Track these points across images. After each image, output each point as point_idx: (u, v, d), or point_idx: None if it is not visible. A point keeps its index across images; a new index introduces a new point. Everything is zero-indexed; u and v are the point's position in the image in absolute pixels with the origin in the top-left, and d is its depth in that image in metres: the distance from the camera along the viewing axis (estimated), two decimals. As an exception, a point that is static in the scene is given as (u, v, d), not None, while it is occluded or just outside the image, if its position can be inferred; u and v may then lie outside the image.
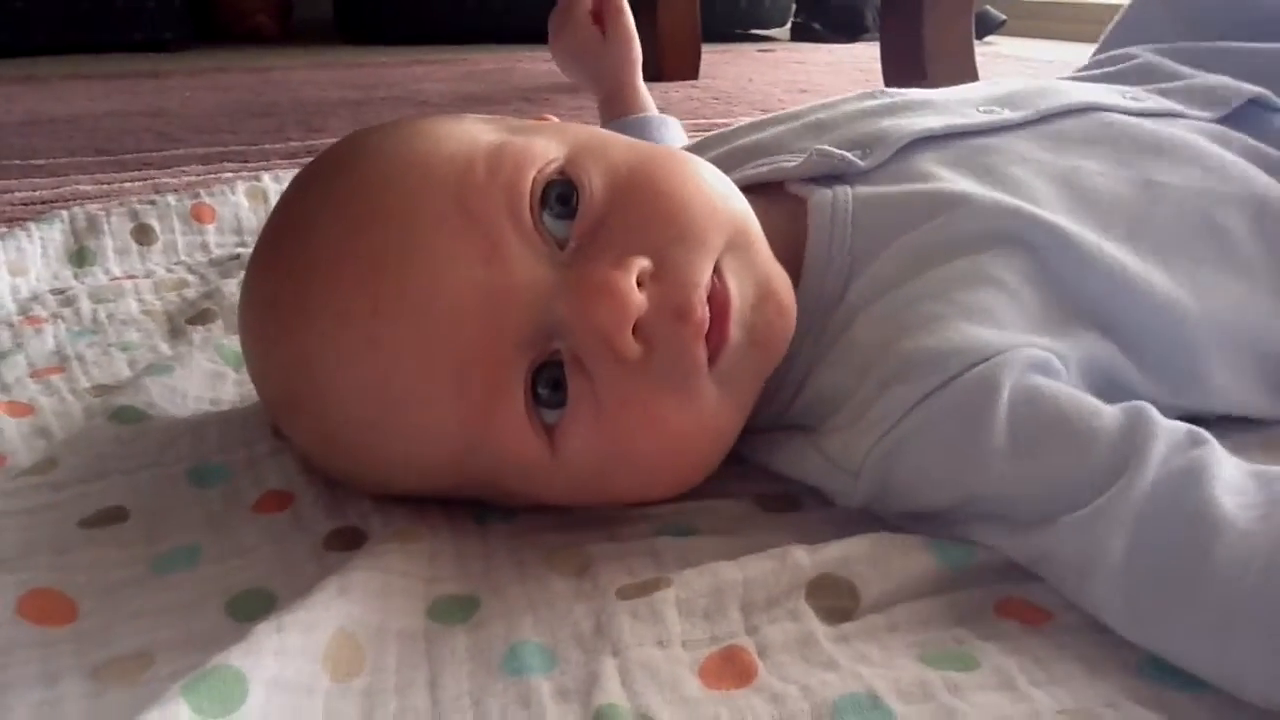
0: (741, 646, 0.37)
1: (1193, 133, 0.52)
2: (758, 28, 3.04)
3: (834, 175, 0.50)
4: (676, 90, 1.80)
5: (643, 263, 0.40)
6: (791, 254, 0.48)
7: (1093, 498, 0.38)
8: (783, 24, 3.09)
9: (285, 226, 0.44)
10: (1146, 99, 0.54)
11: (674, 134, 0.84)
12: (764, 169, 0.52)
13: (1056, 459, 0.39)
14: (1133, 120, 0.52)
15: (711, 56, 2.10)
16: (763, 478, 0.48)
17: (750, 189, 0.51)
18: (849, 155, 0.50)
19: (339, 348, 0.40)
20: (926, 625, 0.38)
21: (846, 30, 2.87)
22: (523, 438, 0.41)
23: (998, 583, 0.41)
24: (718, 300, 0.41)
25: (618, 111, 0.89)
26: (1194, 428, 0.39)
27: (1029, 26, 2.98)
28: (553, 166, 0.42)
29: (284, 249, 0.43)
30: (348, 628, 0.37)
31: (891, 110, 0.54)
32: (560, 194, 0.41)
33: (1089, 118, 0.52)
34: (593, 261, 0.40)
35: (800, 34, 3.00)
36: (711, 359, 0.41)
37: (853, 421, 0.44)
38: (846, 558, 0.40)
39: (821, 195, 0.49)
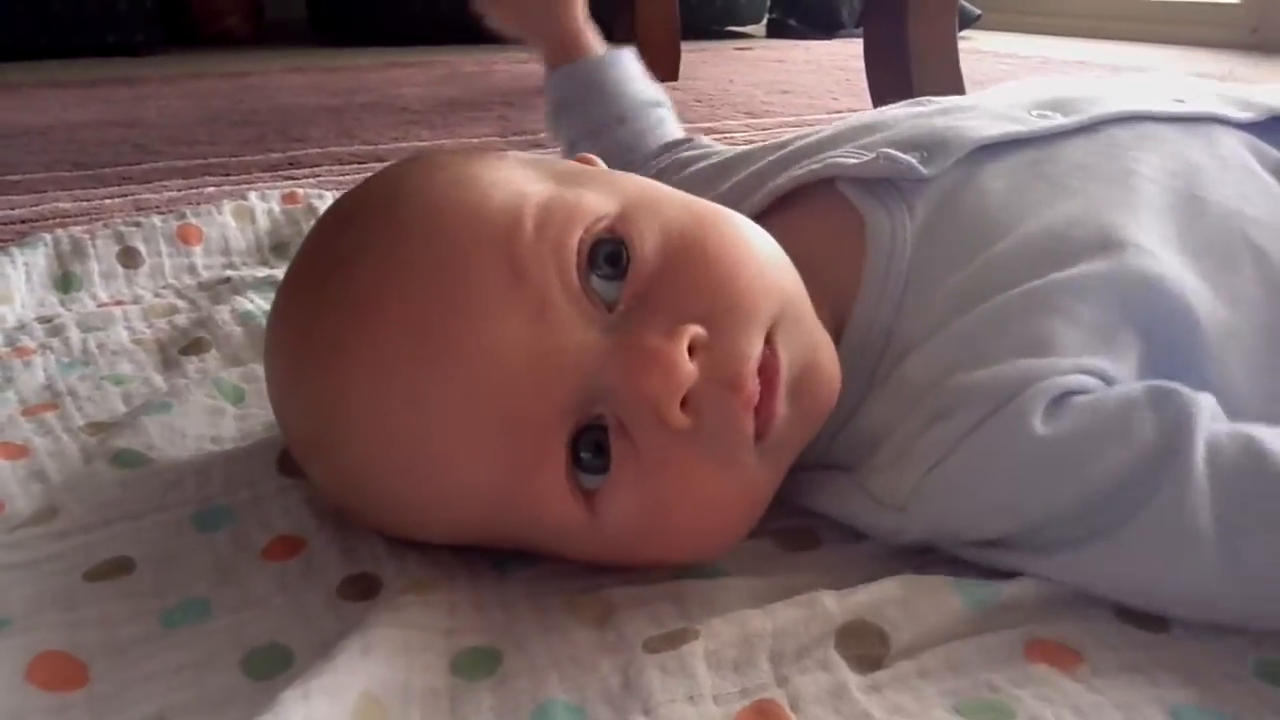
0: (773, 699, 0.37)
1: (1230, 147, 0.52)
2: (733, 25, 3.03)
3: (888, 179, 0.50)
4: (658, 92, 1.79)
5: (695, 330, 0.39)
6: (841, 271, 0.48)
7: (1149, 489, 0.38)
8: (758, 20, 3.08)
9: (326, 261, 0.42)
10: (1190, 101, 0.54)
11: (629, 68, 0.81)
12: (817, 165, 0.52)
13: (1101, 460, 0.40)
14: (1176, 131, 0.52)
15: (690, 56, 2.09)
16: (780, 513, 0.47)
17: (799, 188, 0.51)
18: (912, 161, 0.49)
19: (378, 393, 0.39)
20: (958, 671, 0.38)
21: (823, 27, 2.87)
22: (563, 503, 0.40)
23: (1026, 623, 0.40)
24: (768, 375, 0.40)
25: (564, 57, 0.84)
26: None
27: (1005, 20, 2.99)
28: (602, 224, 0.41)
29: (324, 284, 0.41)
30: (373, 690, 0.36)
31: (944, 113, 0.53)
32: (609, 254, 0.40)
33: (1137, 127, 0.52)
34: (643, 327, 0.39)
35: (776, 31, 3.00)
36: (760, 436, 0.40)
37: (897, 458, 0.44)
38: (875, 602, 0.40)
39: (879, 222, 0.48)
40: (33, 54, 2.36)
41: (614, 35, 1.97)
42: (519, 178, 0.42)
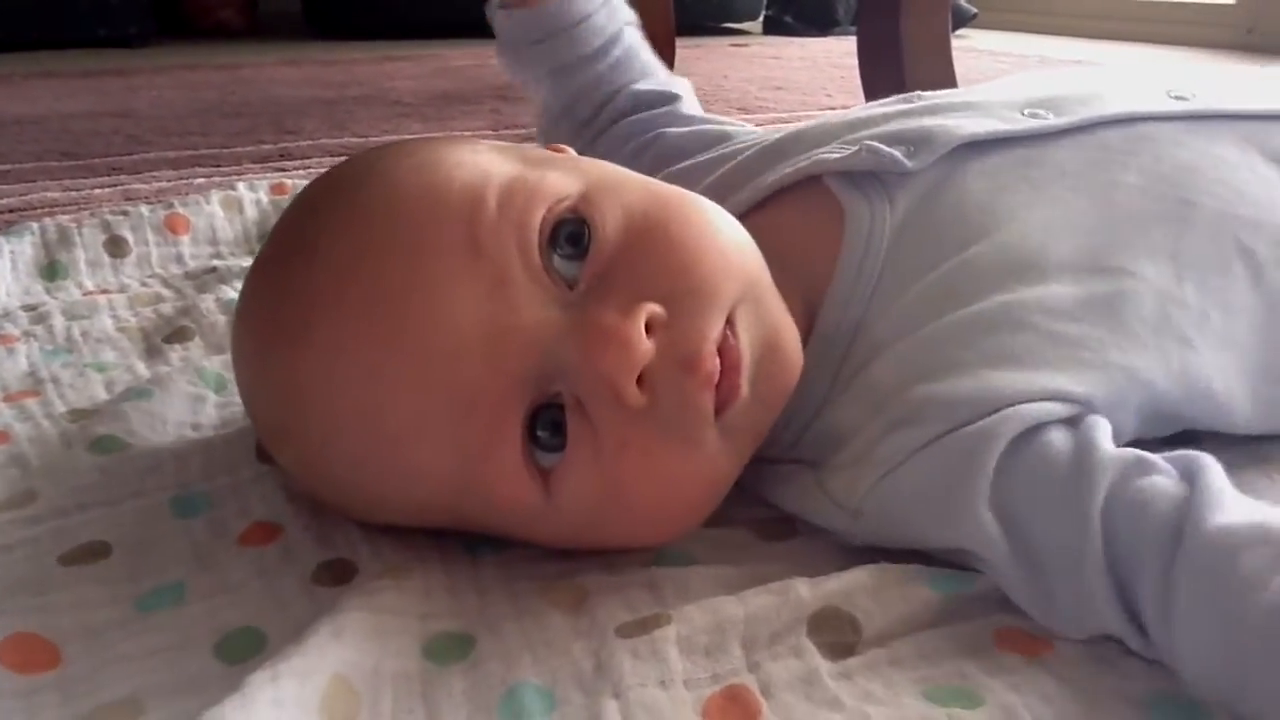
0: (744, 685, 0.37)
1: (1230, 143, 0.51)
2: (730, 21, 3.03)
3: (874, 174, 0.49)
4: (651, 87, 1.78)
5: (653, 309, 0.39)
6: (817, 263, 0.48)
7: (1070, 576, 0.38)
8: (754, 17, 3.08)
9: (289, 246, 0.43)
10: (1191, 96, 0.53)
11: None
12: (803, 163, 0.52)
13: (1034, 528, 0.40)
14: (1172, 132, 0.51)
15: (685, 52, 2.08)
16: (758, 503, 0.48)
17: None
18: (896, 154, 0.49)
19: (337, 378, 0.39)
20: (929, 659, 0.38)
21: (818, 24, 2.88)
22: (517, 481, 0.40)
23: (996, 612, 0.40)
24: (729, 355, 0.40)
25: None
26: (1144, 456, 0.40)
27: (1001, 19, 2.99)
28: (565, 204, 0.41)
29: (286, 269, 0.42)
30: (343, 673, 0.36)
31: (933, 110, 0.53)
32: (571, 233, 0.40)
33: (1131, 129, 0.51)
34: (601, 305, 0.39)
35: (772, 27, 3.00)
36: (719, 411, 0.40)
37: (856, 460, 0.44)
38: (847, 590, 0.40)
39: (859, 213, 0.48)
40: (25, 46, 2.35)
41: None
42: (484, 160, 0.42)
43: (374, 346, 0.38)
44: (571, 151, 0.49)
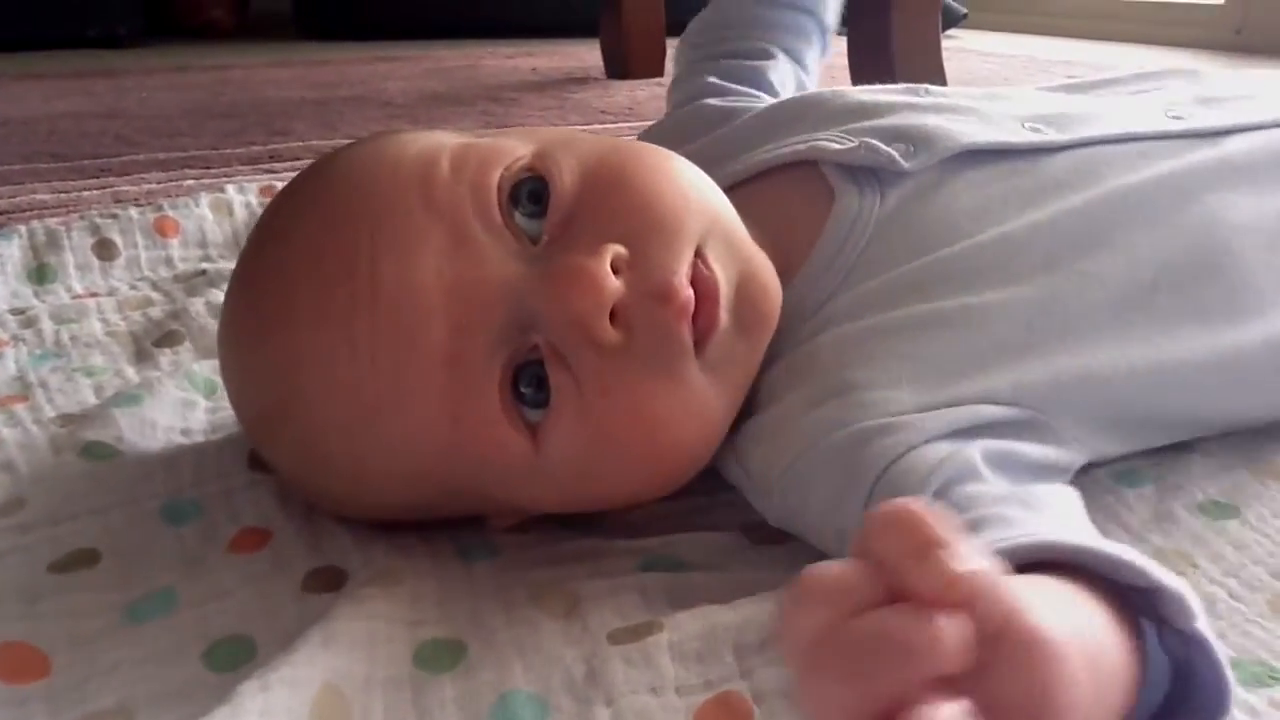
0: (736, 692, 0.36)
1: (1231, 156, 0.50)
2: (721, 21, 3.03)
3: (870, 168, 0.49)
4: (643, 88, 1.79)
5: (617, 248, 0.39)
6: (798, 244, 0.48)
7: None
8: (746, 17, 3.08)
9: (266, 236, 0.45)
10: (1189, 115, 0.52)
11: None
12: (801, 147, 0.52)
13: None
14: (1172, 147, 0.50)
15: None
16: (748, 508, 0.47)
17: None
18: (894, 153, 0.49)
19: (319, 349, 0.40)
20: (921, 664, 0.38)
21: (809, 23, 2.87)
22: (502, 437, 0.40)
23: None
24: (705, 285, 0.41)
25: None
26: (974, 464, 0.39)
27: (991, 20, 2.99)
28: (520, 163, 0.42)
29: (264, 256, 0.44)
30: (333, 681, 0.36)
31: (938, 109, 0.52)
32: (531, 191, 0.41)
33: (1129, 147, 0.50)
34: (566, 252, 0.40)
35: (763, 27, 3.00)
36: (700, 344, 0.41)
37: (773, 434, 0.44)
38: (839, 596, 0.40)
39: (849, 200, 0.48)
40: (13, 46, 2.34)
41: (600, 29, 1.97)
42: (440, 135, 0.44)
43: (349, 314, 0.39)
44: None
